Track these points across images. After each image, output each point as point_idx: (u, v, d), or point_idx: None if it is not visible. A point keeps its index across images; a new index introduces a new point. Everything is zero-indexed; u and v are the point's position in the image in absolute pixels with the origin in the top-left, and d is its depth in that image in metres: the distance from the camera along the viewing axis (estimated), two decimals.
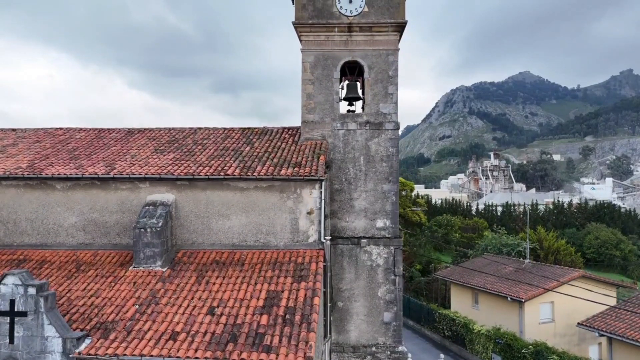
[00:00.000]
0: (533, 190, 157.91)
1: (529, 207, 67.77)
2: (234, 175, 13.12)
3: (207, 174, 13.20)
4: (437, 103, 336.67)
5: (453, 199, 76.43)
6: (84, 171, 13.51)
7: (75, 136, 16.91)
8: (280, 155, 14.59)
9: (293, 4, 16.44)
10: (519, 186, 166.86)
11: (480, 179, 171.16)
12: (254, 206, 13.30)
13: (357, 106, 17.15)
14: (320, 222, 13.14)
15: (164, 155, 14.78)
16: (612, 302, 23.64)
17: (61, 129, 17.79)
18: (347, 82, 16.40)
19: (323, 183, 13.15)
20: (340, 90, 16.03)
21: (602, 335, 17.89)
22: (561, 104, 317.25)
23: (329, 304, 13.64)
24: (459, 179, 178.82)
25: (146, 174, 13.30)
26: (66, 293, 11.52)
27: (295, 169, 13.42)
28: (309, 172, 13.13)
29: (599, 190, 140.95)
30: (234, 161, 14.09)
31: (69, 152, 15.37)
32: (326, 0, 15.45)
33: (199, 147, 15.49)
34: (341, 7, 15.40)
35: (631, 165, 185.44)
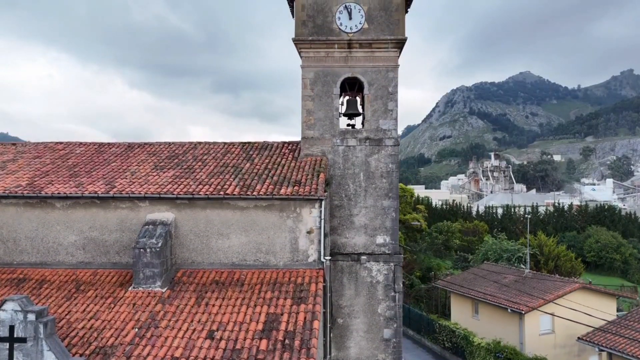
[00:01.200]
0: (533, 191, 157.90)
1: (529, 212, 67.72)
2: (234, 194, 13.11)
3: (207, 193, 13.18)
4: (437, 103, 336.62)
5: (454, 201, 76.39)
6: (84, 190, 13.49)
7: (75, 151, 16.90)
8: (280, 172, 14.57)
9: (293, 17, 16.45)
10: (519, 187, 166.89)
11: (481, 179, 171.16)
12: (253, 225, 13.28)
13: (357, 120, 17.18)
14: (320, 241, 13.12)
15: (164, 172, 14.76)
16: (612, 312, 23.65)
17: (61, 143, 17.79)
18: (347, 97, 16.42)
19: (323, 202, 13.13)
20: (340, 106, 16.03)
21: (602, 351, 17.89)
22: (562, 104, 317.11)
23: (328, 324, 13.62)
24: (459, 179, 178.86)
25: (146, 193, 13.28)
26: (66, 315, 11.51)
27: (295, 187, 13.40)
28: (308, 192, 13.11)
29: (599, 191, 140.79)
30: (234, 179, 14.08)
31: (69, 168, 15.35)
32: (326, 17, 15.44)
33: (199, 163, 15.47)
34: (341, 24, 15.39)
35: (632, 166, 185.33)
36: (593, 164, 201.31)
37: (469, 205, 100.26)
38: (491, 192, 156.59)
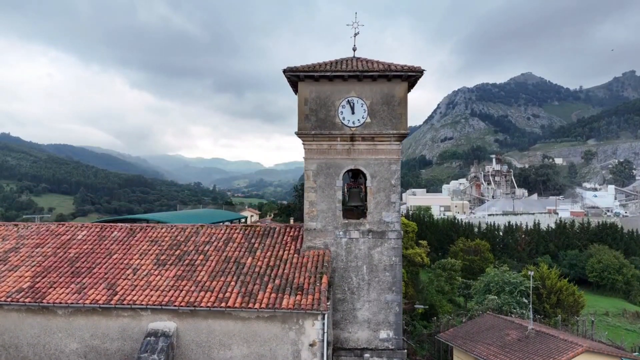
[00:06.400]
0: (535, 196, 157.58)
1: (532, 228, 67.65)
2: (235, 307, 13.02)
3: (208, 304, 13.10)
4: (439, 104, 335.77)
5: (455, 218, 76.28)
6: (85, 299, 13.42)
7: (77, 237, 16.82)
8: (282, 272, 14.47)
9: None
10: (520, 191, 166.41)
11: (482, 184, 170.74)
12: (255, 336, 13.19)
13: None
14: (322, 354, 13.02)
15: (166, 271, 14.67)
16: None
17: (63, 224, 17.75)
18: (349, 188, 16.33)
19: (326, 315, 13.02)
20: (342, 197, 15.93)
21: None
22: (563, 105, 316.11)
23: None
24: (460, 184, 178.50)
25: (147, 303, 13.20)
26: None
27: (298, 297, 13.30)
28: (311, 304, 13.00)
29: (601, 197, 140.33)
30: (235, 282, 13.99)
31: (70, 262, 15.28)
32: (329, 111, 15.33)
33: (201, 256, 15.38)
34: (344, 118, 15.28)
35: (633, 170, 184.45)
36: (595, 168, 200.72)
37: (470, 215, 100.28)
38: (492, 197, 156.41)
